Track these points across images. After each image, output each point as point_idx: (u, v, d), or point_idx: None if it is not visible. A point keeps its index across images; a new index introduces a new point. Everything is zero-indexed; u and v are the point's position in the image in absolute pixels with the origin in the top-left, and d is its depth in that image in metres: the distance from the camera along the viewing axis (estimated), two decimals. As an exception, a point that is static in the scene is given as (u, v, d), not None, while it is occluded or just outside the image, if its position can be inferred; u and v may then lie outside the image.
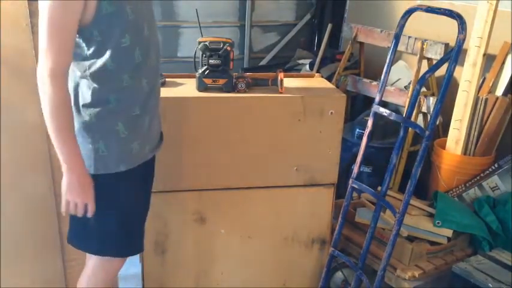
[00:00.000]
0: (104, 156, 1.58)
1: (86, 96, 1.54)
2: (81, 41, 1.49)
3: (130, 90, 1.57)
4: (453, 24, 1.82)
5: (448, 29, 2.35)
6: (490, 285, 2.06)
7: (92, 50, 1.50)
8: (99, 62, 1.51)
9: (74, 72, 1.55)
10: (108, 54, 1.50)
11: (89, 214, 1.57)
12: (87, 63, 1.52)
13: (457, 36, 1.80)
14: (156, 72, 1.68)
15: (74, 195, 1.54)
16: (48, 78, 1.43)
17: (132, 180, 1.68)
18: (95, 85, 1.53)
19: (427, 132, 1.87)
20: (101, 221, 1.62)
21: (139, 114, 1.61)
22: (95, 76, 1.53)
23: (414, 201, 2.46)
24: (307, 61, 3.85)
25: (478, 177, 2.67)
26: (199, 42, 2.05)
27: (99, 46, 1.49)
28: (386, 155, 2.24)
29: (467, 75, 2.67)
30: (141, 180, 1.75)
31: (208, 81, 2.06)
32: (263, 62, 4.50)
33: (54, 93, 1.44)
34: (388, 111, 2.02)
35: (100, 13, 1.44)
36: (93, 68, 1.52)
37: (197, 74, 2.07)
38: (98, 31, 1.47)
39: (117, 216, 1.67)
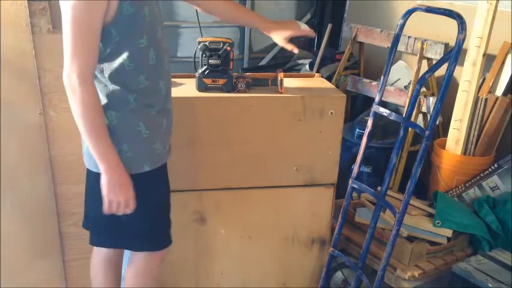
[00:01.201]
0: (128, 158, 1.59)
1: (103, 98, 1.55)
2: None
3: (147, 91, 1.59)
4: (453, 24, 1.82)
5: (448, 29, 2.35)
6: (490, 285, 2.06)
7: (109, 50, 1.51)
8: (117, 63, 1.52)
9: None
10: (126, 55, 1.51)
11: (129, 210, 1.60)
12: (103, 64, 1.53)
13: (457, 36, 1.80)
14: (169, 75, 1.71)
15: (117, 194, 1.55)
16: (78, 83, 1.43)
17: (160, 178, 1.73)
18: (114, 86, 1.55)
19: (427, 132, 1.87)
20: (133, 220, 1.65)
21: (156, 114, 1.63)
22: (112, 77, 1.54)
23: (414, 201, 2.47)
24: (307, 61, 3.85)
25: (478, 177, 2.67)
26: (199, 42, 2.04)
27: (117, 47, 1.51)
28: (387, 155, 2.25)
29: (467, 75, 2.67)
30: (166, 177, 1.79)
31: (208, 81, 2.06)
32: (263, 62, 4.50)
33: (86, 97, 1.45)
34: (388, 111, 2.02)
35: (121, 14, 1.46)
36: (110, 69, 1.53)
37: (197, 74, 2.07)
38: (117, 32, 1.48)
39: (149, 214, 1.70)
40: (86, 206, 1.81)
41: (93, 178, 1.65)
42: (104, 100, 1.55)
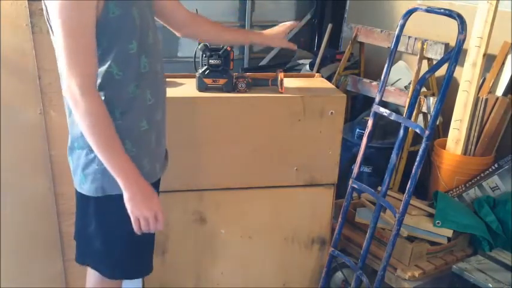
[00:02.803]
0: (111, 176, 1.43)
1: None
2: None
3: (136, 102, 1.47)
4: (453, 24, 1.82)
5: (448, 29, 2.34)
6: (490, 285, 2.06)
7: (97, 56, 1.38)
8: (105, 71, 1.40)
9: None
10: (114, 62, 1.40)
11: (159, 226, 1.45)
12: None
13: (457, 36, 1.80)
14: (161, 84, 1.58)
15: (142, 209, 1.41)
16: (81, 94, 1.31)
17: None
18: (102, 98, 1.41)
19: (427, 132, 1.87)
20: (110, 242, 1.54)
21: (148, 129, 1.51)
22: (100, 88, 1.41)
23: (414, 201, 2.46)
24: (307, 61, 3.85)
25: (478, 177, 2.67)
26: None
27: (105, 53, 1.39)
28: (387, 155, 2.24)
29: (467, 75, 2.67)
30: None
31: (208, 81, 2.06)
32: (263, 62, 4.50)
33: (92, 108, 1.32)
34: (388, 111, 2.02)
35: (107, 16, 1.34)
36: (99, 79, 1.40)
37: (197, 74, 2.07)
38: (104, 36, 1.36)
39: (128, 238, 1.54)
40: (75, 221, 1.70)
41: (78, 195, 1.57)
42: None
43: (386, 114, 2.02)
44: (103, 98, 1.41)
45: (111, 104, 1.42)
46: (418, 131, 1.94)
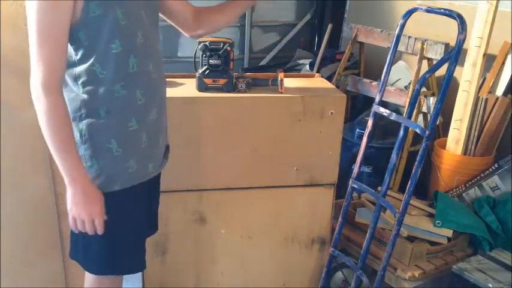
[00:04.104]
0: (96, 175, 1.48)
1: (73, 108, 1.45)
2: (68, 44, 1.39)
3: (123, 102, 1.47)
4: (453, 24, 1.82)
5: (448, 29, 2.35)
6: (490, 285, 2.06)
7: (79, 55, 1.41)
8: (88, 69, 1.41)
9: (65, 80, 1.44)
10: (96, 60, 1.40)
11: (98, 231, 1.47)
12: (76, 70, 1.43)
13: (457, 36, 1.80)
14: (155, 85, 1.57)
15: (80, 209, 1.44)
16: (42, 90, 1.34)
17: (130, 199, 1.58)
18: (85, 96, 1.44)
19: (427, 132, 1.87)
20: (93, 240, 1.52)
21: (137, 129, 1.51)
22: (84, 85, 1.43)
23: (414, 201, 2.46)
24: (307, 61, 3.85)
25: (478, 177, 2.67)
26: (199, 42, 2.05)
27: (87, 51, 1.40)
28: (387, 155, 2.24)
29: (467, 75, 2.67)
30: (142, 199, 1.65)
31: (208, 81, 2.06)
32: (263, 62, 4.50)
33: (51, 107, 1.35)
34: (388, 111, 2.02)
35: (87, 15, 1.35)
36: (83, 76, 1.42)
37: (197, 74, 2.07)
38: (84, 34, 1.38)
39: (110, 236, 1.53)
40: None
41: None
42: (75, 112, 1.45)
43: (386, 114, 2.02)
44: (86, 95, 1.43)
45: (95, 102, 1.44)
46: (418, 131, 1.94)
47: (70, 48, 1.40)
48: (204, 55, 2.04)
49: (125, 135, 1.50)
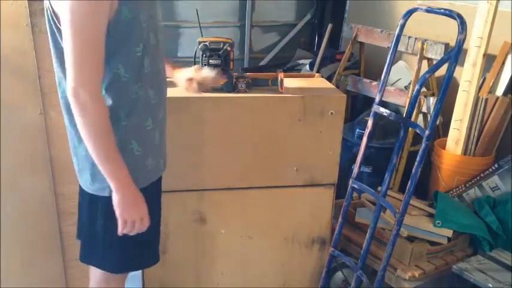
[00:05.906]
0: None
1: None
2: None
3: (141, 102, 1.48)
4: (453, 24, 1.82)
5: (448, 29, 2.35)
6: (490, 285, 2.06)
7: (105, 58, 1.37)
8: (112, 74, 1.40)
9: None
10: (122, 64, 1.40)
11: (143, 227, 1.51)
12: None
13: (457, 36, 1.80)
14: (163, 84, 1.60)
15: (132, 212, 1.47)
16: (90, 98, 1.29)
17: (151, 196, 1.59)
18: (107, 100, 1.41)
19: (427, 132, 1.87)
20: (117, 239, 1.54)
21: (153, 127, 1.54)
22: (106, 90, 1.41)
23: (414, 201, 2.47)
24: (308, 61, 3.85)
25: (478, 177, 2.67)
26: (199, 42, 2.04)
27: (113, 55, 1.38)
28: (387, 155, 2.25)
29: (467, 75, 2.67)
30: (158, 194, 1.72)
31: (208, 81, 2.05)
32: (263, 62, 4.50)
33: (100, 115, 1.33)
34: (388, 111, 2.02)
35: (119, 18, 1.33)
36: (106, 80, 1.39)
37: (197, 74, 2.06)
38: (114, 38, 1.35)
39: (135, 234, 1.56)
40: (79, 221, 1.73)
41: (85, 195, 1.59)
42: None
43: (386, 114, 2.02)
44: (110, 100, 1.42)
45: (116, 105, 1.43)
46: (418, 131, 1.94)
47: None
48: (204, 55, 2.04)
49: (143, 134, 1.53)
